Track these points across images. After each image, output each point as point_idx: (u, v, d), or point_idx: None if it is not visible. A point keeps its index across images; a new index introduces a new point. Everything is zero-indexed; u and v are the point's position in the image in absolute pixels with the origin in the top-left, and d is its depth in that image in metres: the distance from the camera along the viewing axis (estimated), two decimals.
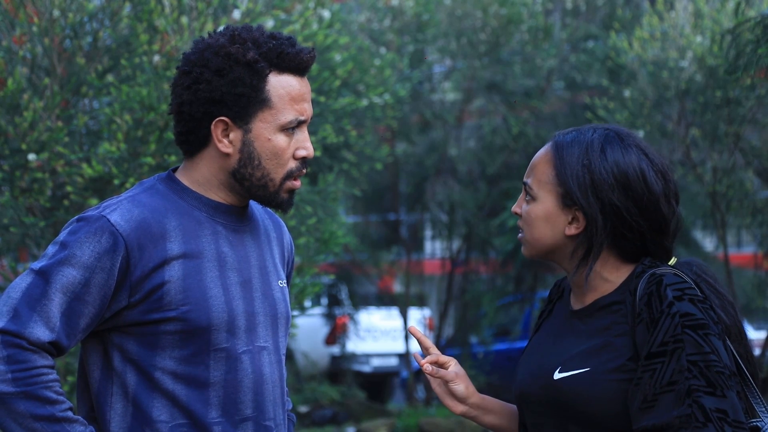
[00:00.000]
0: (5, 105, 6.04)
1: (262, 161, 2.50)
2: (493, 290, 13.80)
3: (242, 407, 2.49)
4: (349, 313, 15.65)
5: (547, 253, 2.48)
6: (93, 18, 6.44)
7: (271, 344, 2.55)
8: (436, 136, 13.32)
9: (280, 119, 2.49)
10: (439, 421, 11.91)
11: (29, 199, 6.11)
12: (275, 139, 2.50)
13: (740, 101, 8.86)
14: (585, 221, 2.41)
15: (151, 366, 2.44)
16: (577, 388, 2.36)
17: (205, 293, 2.45)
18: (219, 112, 2.48)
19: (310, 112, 2.54)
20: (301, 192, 6.97)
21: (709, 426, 2.25)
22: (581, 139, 2.45)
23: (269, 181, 2.51)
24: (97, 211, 2.45)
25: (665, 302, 2.31)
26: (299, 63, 2.51)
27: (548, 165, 2.46)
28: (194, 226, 2.49)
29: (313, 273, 7.03)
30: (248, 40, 2.49)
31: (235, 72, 2.46)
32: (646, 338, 2.32)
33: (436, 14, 12.50)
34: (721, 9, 9.94)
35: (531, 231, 2.47)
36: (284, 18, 6.83)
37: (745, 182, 9.73)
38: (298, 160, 2.53)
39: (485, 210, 13.14)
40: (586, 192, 2.40)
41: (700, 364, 2.27)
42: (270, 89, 2.48)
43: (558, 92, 13.61)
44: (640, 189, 2.39)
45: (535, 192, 2.47)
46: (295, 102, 2.50)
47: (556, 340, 2.48)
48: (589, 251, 2.42)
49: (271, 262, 2.60)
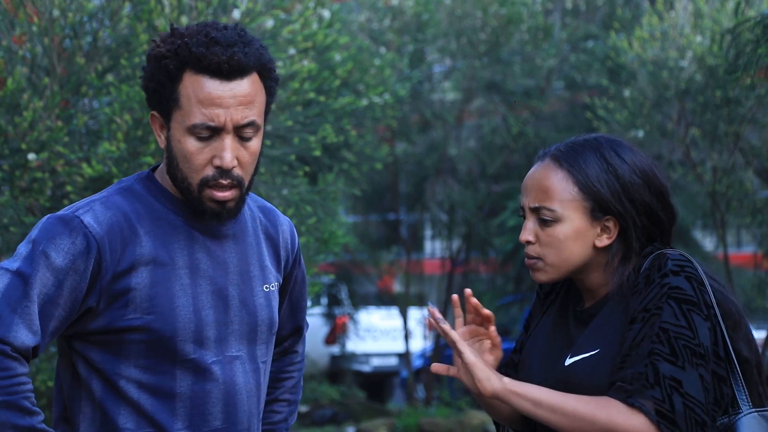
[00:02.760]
0: (5, 105, 6.04)
1: (179, 163, 2.38)
2: (493, 290, 13.81)
3: (210, 418, 2.41)
4: (348, 313, 15.66)
5: (572, 272, 2.44)
6: (93, 18, 6.44)
7: (246, 353, 2.46)
8: (436, 135, 13.33)
9: (186, 122, 2.35)
10: (438, 421, 11.91)
11: (29, 198, 6.11)
12: (184, 141, 2.36)
13: (740, 101, 8.85)
14: (618, 228, 2.40)
15: (115, 374, 2.38)
16: (589, 370, 2.36)
17: (172, 302, 2.37)
18: (151, 105, 2.42)
19: (225, 119, 2.33)
20: (301, 192, 6.97)
21: (656, 389, 2.25)
22: (587, 150, 2.42)
23: (189, 185, 2.38)
24: (70, 212, 2.37)
25: (661, 272, 2.33)
26: (210, 65, 2.32)
27: (566, 182, 2.41)
28: (167, 230, 2.41)
29: (312, 273, 7.03)
30: (171, 36, 2.38)
31: (150, 66, 2.40)
32: (635, 305, 2.34)
33: (436, 14, 12.50)
34: (720, 9, 9.95)
35: (558, 253, 2.41)
36: (284, 18, 6.83)
37: (744, 182, 9.73)
38: (216, 169, 2.36)
39: (485, 210, 13.15)
40: (620, 198, 2.39)
41: (669, 333, 2.28)
42: (181, 89, 2.35)
43: (558, 92, 13.62)
44: (657, 183, 2.42)
45: (558, 213, 2.40)
46: (203, 105, 2.33)
47: (567, 336, 2.47)
48: (626, 255, 2.41)
49: (257, 267, 2.50)
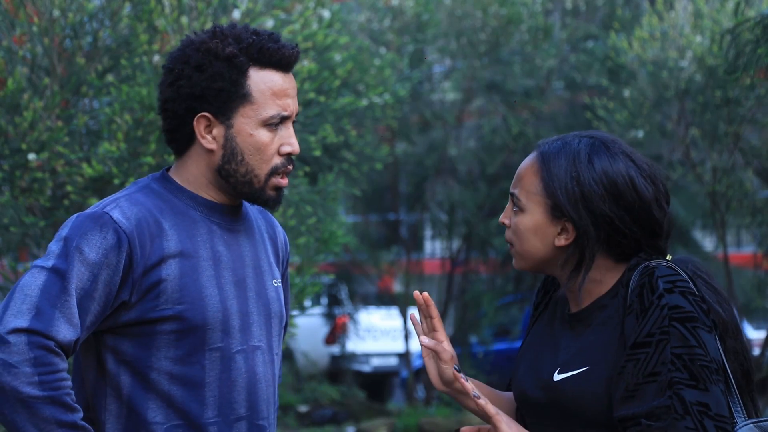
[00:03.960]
0: (5, 105, 6.04)
1: (245, 157, 2.48)
2: (493, 290, 13.81)
3: (236, 407, 2.48)
4: (348, 313, 15.66)
5: (538, 264, 2.45)
6: (93, 18, 6.44)
7: (265, 344, 2.54)
8: (436, 135, 13.33)
9: (262, 114, 2.48)
10: (438, 420, 11.91)
11: (29, 198, 6.11)
12: (257, 134, 2.48)
13: (740, 101, 8.86)
14: (575, 232, 2.38)
15: (146, 367, 2.43)
16: (578, 387, 2.35)
17: (201, 292, 2.44)
18: (201, 107, 2.48)
19: (294, 108, 2.52)
20: (301, 192, 6.97)
21: (687, 418, 2.23)
22: (567, 149, 2.40)
23: (254, 177, 2.49)
24: (99, 209, 2.44)
25: (656, 293, 2.29)
26: (281, 58, 2.49)
27: (535, 176, 2.41)
28: (189, 225, 2.48)
29: (312, 273, 7.03)
30: (229, 35, 2.49)
31: (214, 67, 2.46)
32: (634, 328, 2.30)
33: (436, 14, 12.50)
34: (720, 9, 9.95)
35: (521, 243, 2.44)
36: (284, 18, 6.83)
37: (744, 182, 9.74)
38: (283, 157, 2.50)
39: (485, 210, 13.15)
40: (576, 205, 2.36)
41: (684, 357, 2.25)
42: (251, 84, 2.47)
43: (558, 92, 13.62)
44: (630, 197, 2.36)
45: (523, 203, 2.42)
46: (278, 97, 2.49)
47: (553, 341, 2.47)
48: (581, 261, 2.39)
49: (266, 262, 2.59)
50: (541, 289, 2.62)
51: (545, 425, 2.43)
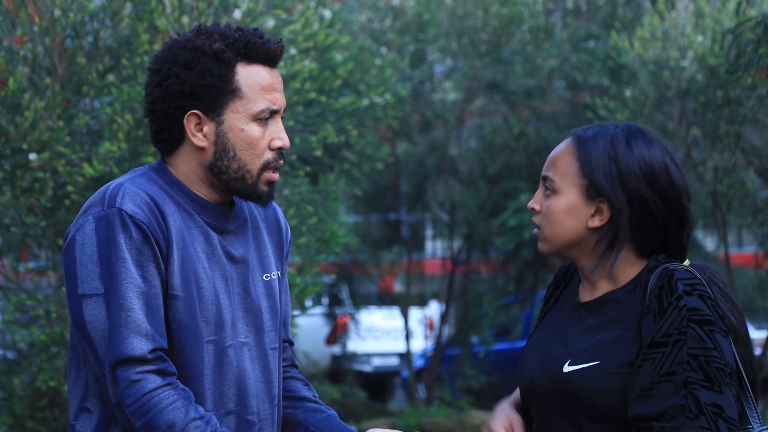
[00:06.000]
0: (6, 105, 6.04)
1: (237, 152, 2.49)
2: (494, 290, 13.80)
3: (226, 401, 2.49)
4: (350, 313, 15.65)
5: (567, 247, 2.47)
6: (94, 18, 6.44)
7: (252, 340, 2.54)
8: (437, 135, 13.32)
9: (252, 109, 2.49)
10: (439, 420, 11.91)
11: (30, 198, 6.11)
12: (248, 128, 2.49)
13: (741, 101, 8.86)
14: (610, 212, 2.42)
15: None
16: (587, 381, 2.37)
17: (198, 282, 2.46)
18: (190, 105, 2.48)
19: (282, 103, 2.53)
20: (302, 192, 6.97)
21: (702, 418, 2.25)
22: (604, 133, 2.46)
23: (246, 172, 2.50)
24: (110, 207, 2.42)
25: (674, 295, 2.32)
26: (267, 53, 2.51)
27: (571, 158, 2.46)
28: (185, 216, 2.49)
29: (313, 273, 7.03)
30: (214, 33, 2.50)
31: (202, 63, 2.47)
32: (652, 328, 2.33)
33: (437, 14, 12.50)
34: (722, 8, 9.95)
35: (552, 226, 2.46)
36: (285, 18, 6.83)
37: (746, 182, 9.73)
38: (274, 151, 2.52)
39: (486, 210, 13.15)
40: (613, 183, 2.41)
41: (700, 359, 2.28)
42: (240, 79, 2.48)
43: (559, 92, 13.61)
44: (664, 181, 2.41)
45: (557, 185, 2.46)
46: (266, 91, 2.50)
47: (564, 332, 2.48)
48: (613, 242, 2.42)
49: (256, 257, 2.59)
50: (552, 283, 2.64)
51: (551, 416, 2.45)
